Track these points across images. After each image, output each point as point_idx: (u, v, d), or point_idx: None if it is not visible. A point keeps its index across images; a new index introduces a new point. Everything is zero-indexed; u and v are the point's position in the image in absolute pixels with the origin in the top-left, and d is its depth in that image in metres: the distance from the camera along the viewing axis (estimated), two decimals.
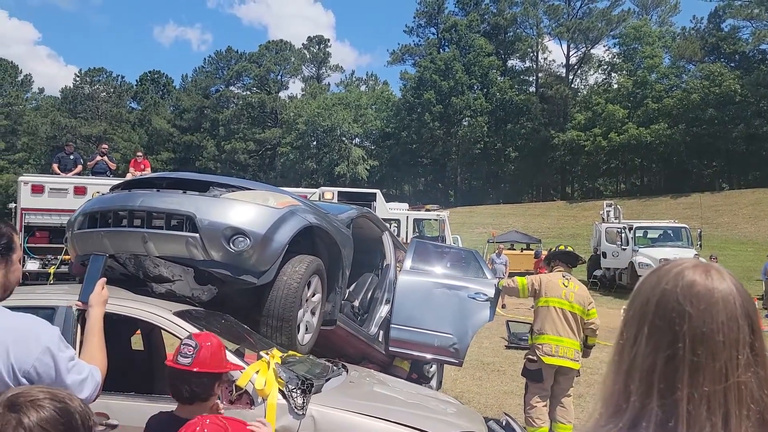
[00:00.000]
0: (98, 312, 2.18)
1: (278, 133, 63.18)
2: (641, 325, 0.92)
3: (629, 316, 0.95)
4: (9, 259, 1.82)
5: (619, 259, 19.82)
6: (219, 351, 2.30)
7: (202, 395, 2.21)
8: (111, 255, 3.94)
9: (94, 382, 1.83)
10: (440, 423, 3.36)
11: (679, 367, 0.87)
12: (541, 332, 5.43)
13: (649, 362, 0.89)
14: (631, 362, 0.91)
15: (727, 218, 36.41)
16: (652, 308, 0.92)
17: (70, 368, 1.74)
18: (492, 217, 43.11)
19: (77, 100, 66.42)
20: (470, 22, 59.23)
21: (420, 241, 6.45)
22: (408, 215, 15.00)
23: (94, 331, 2.09)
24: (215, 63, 71.27)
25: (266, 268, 3.85)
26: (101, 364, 1.96)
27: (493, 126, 57.47)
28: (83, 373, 1.79)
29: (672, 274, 0.93)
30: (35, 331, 1.72)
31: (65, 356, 1.74)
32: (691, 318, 0.88)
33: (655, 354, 0.89)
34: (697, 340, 0.87)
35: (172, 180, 4.17)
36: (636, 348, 0.91)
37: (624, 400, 0.90)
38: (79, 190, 11.33)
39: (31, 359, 1.66)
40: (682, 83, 50.47)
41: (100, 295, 2.23)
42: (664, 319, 0.90)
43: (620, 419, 0.90)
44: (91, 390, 1.80)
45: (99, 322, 2.14)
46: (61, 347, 1.74)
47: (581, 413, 6.50)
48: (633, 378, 0.90)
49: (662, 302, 0.91)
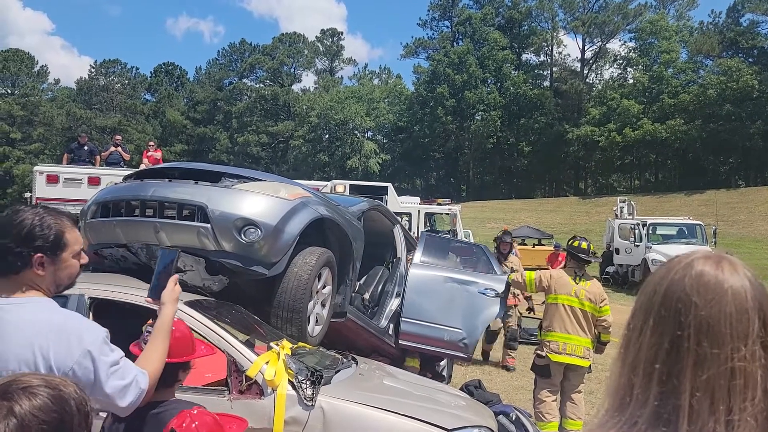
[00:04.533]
0: (171, 310, 2.03)
1: (291, 126, 63.28)
2: (647, 316, 0.90)
3: (636, 308, 0.93)
4: (57, 258, 1.72)
5: (632, 256, 19.65)
6: (185, 338, 2.24)
7: (167, 381, 2.12)
8: (123, 244, 3.98)
9: (138, 389, 1.73)
10: (450, 416, 3.35)
11: (682, 358, 0.85)
12: (550, 329, 5.38)
13: (653, 353, 0.87)
14: (636, 354, 0.89)
15: (743, 216, 35.94)
16: (659, 299, 0.89)
17: (111, 373, 1.67)
18: (504, 212, 42.92)
19: (92, 91, 66.92)
20: (484, 15, 58.83)
21: (430, 235, 6.42)
22: (419, 209, 14.95)
23: (162, 331, 1.97)
24: (229, 55, 71.48)
25: (277, 259, 3.85)
26: (154, 368, 1.85)
27: (507, 120, 57.12)
28: (126, 379, 1.71)
29: (681, 265, 0.91)
30: (79, 332, 1.66)
31: (107, 360, 1.67)
32: (697, 308, 0.86)
33: (659, 345, 0.87)
34: (702, 331, 0.84)
35: (184, 170, 4.18)
36: (641, 340, 0.89)
37: (628, 393, 0.89)
38: (93, 181, 11.44)
39: (70, 361, 1.62)
40: (699, 78, 49.81)
41: (173, 291, 2.07)
42: (670, 309, 0.87)
43: (624, 413, 0.88)
44: (133, 397, 1.72)
45: (170, 323, 2.01)
46: (104, 351, 1.67)
47: (591, 409, 6.46)
48: (637, 370, 0.88)
49: (669, 292, 0.89)
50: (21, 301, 1.68)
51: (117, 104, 66.00)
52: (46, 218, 1.72)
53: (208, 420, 2.02)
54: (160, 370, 1.89)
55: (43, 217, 1.71)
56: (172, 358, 2.14)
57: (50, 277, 1.74)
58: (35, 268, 1.69)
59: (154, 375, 1.84)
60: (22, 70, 64.34)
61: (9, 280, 1.71)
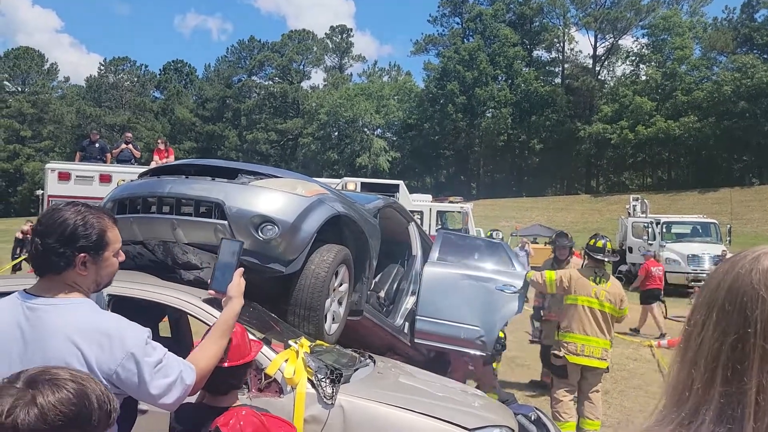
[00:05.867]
0: (237, 304, 1.98)
1: (300, 124, 63.38)
2: (710, 310, 0.87)
3: (698, 302, 0.91)
4: (99, 257, 1.71)
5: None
6: (244, 338, 2.26)
7: (238, 385, 2.20)
8: (140, 241, 3.95)
9: (183, 385, 1.70)
10: (471, 416, 3.29)
11: (748, 354, 0.82)
12: (568, 330, 5.35)
13: (716, 348, 0.85)
14: (697, 349, 0.87)
15: (758, 214, 35.59)
16: (723, 293, 0.87)
17: (156, 372, 1.65)
18: (515, 210, 42.77)
19: (102, 89, 67.41)
20: (495, 11, 58.59)
21: (447, 233, 6.36)
22: (431, 207, 14.90)
23: (225, 327, 1.92)
24: (237, 53, 71.69)
25: (294, 256, 3.81)
26: (206, 362, 1.81)
27: (518, 118, 56.88)
28: (171, 376, 1.69)
29: (748, 259, 0.88)
30: (121, 334, 1.64)
31: (151, 361, 1.65)
32: (765, 302, 0.83)
33: (723, 339, 0.85)
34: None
35: (200, 167, 4.15)
36: (703, 334, 0.87)
37: (687, 388, 0.87)
38: (105, 178, 11.49)
39: (114, 365, 1.61)
40: (713, 75, 49.37)
41: (240, 285, 2.02)
42: (735, 304, 0.85)
43: (683, 408, 0.86)
44: (179, 393, 1.70)
45: (235, 317, 1.96)
46: (147, 351, 1.66)
47: (608, 409, 6.41)
48: (698, 366, 0.86)
49: (734, 287, 0.86)
50: (62, 302, 1.67)
51: (126, 102, 66.43)
52: (88, 217, 1.70)
53: (254, 421, 2.00)
54: (212, 365, 1.86)
55: (85, 216, 1.70)
56: (241, 361, 2.13)
57: (92, 276, 1.73)
58: (78, 268, 1.68)
59: (205, 369, 1.82)
60: (32, 68, 64.94)
61: (50, 280, 1.69)
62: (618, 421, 6.07)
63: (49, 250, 1.66)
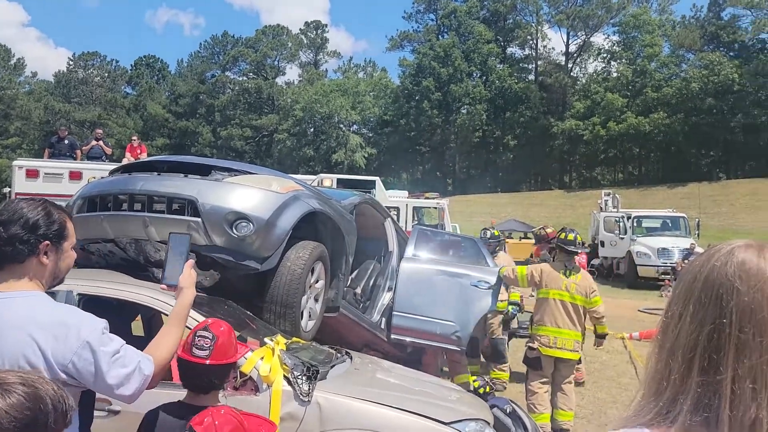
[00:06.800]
0: (190, 295, 1.99)
1: (275, 120, 62.86)
2: (687, 302, 0.90)
3: (676, 294, 0.93)
4: (60, 247, 1.77)
5: (617, 249, 19.83)
6: (231, 338, 2.25)
7: (220, 385, 2.18)
8: (111, 239, 3.89)
9: (142, 376, 1.70)
10: (447, 410, 3.32)
11: (724, 344, 0.85)
12: (541, 323, 5.46)
13: (693, 339, 0.87)
14: (675, 340, 0.89)
15: (725, 208, 36.51)
16: (700, 285, 0.89)
17: (113, 362, 1.66)
18: (490, 205, 43.13)
19: (71, 84, 65.92)
20: (469, 8, 58.84)
21: (422, 229, 6.39)
22: (407, 203, 14.94)
23: (179, 317, 1.93)
24: (210, 48, 70.74)
25: (269, 253, 3.79)
26: (163, 354, 1.82)
27: (492, 114, 57.26)
28: (129, 366, 1.69)
29: (723, 253, 0.91)
30: (77, 324, 1.65)
31: (108, 351, 1.66)
32: (739, 294, 0.86)
33: (699, 330, 0.87)
34: (745, 317, 0.84)
35: (173, 164, 4.10)
36: (680, 325, 0.89)
37: (665, 378, 0.89)
38: (75, 175, 11.23)
39: (69, 354, 1.60)
40: (682, 72, 50.36)
41: (190, 276, 2.02)
42: (711, 295, 0.88)
43: (660, 398, 0.88)
44: (137, 384, 1.70)
45: (188, 308, 1.98)
46: (103, 341, 1.66)
47: (582, 400, 6.52)
48: (675, 356, 0.89)
49: (710, 278, 0.89)
50: (20, 294, 1.68)
51: (96, 98, 65.07)
52: (49, 208, 1.78)
53: (233, 420, 1.98)
54: (170, 356, 1.86)
55: (46, 207, 1.77)
56: (226, 360, 2.12)
57: (52, 267, 1.76)
58: (41, 256, 1.72)
59: (163, 360, 1.81)
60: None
61: (10, 272, 1.71)
62: (591, 412, 6.18)
63: (14, 237, 1.69)
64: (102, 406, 3.01)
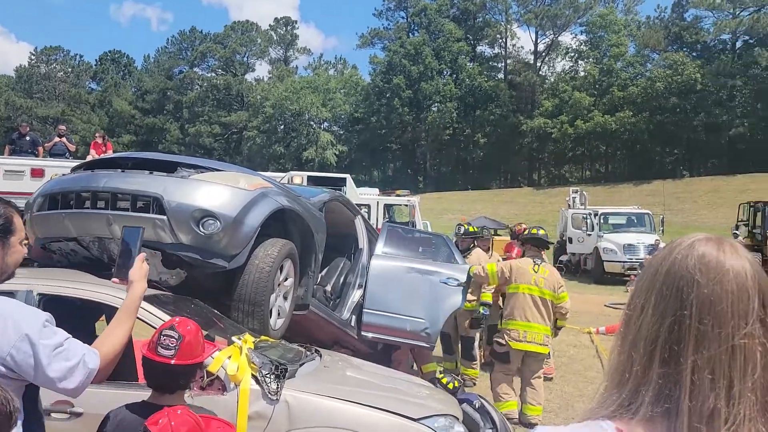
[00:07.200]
0: (140, 288, 1.98)
1: (244, 117, 62.18)
2: (649, 294, 0.92)
3: (638, 287, 0.95)
4: (7, 241, 1.74)
5: (584, 245, 20.17)
6: (198, 337, 2.22)
7: (186, 385, 2.14)
8: (73, 238, 3.80)
9: (86, 369, 1.68)
10: (416, 406, 3.34)
11: (684, 335, 0.87)
12: (511, 317, 5.53)
13: (654, 331, 0.89)
14: (637, 332, 0.91)
15: (688, 205, 37.46)
16: (661, 278, 0.91)
17: (54, 356, 1.63)
18: (460, 203, 43.43)
19: (33, 79, 64.11)
20: (440, 6, 59.07)
21: (392, 226, 6.40)
22: (378, 200, 14.93)
23: (128, 310, 1.91)
24: (178, 43, 69.57)
25: (237, 251, 3.75)
26: (111, 348, 1.79)
27: (462, 112, 57.66)
28: (72, 360, 1.66)
29: (684, 246, 0.93)
30: (15, 316, 1.62)
31: (48, 344, 1.63)
32: (699, 286, 0.88)
33: (661, 322, 0.89)
34: (705, 308, 0.86)
35: (137, 160, 4.02)
36: (642, 317, 0.91)
37: (628, 370, 0.90)
38: (37, 173, 10.91)
39: (8, 347, 1.58)
40: (647, 72, 51.44)
41: (141, 269, 2.02)
42: (672, 288, 0.89)
43: (623, 390, 0.90)
44: (81, 378, 1.67)
45: (139, 301, 1.96)
46: (44, 334, 1.63)
47: (549, 394, 6.61)
48: (637, 348, 0.90)
49: (671, 271, 0.91)
50: None
51: (60, 93, 63.42)
52: None
53: (189, 421, 1.95)
54: (119, 350, 1.82)
55: None
56: (192, 360, 2.09)
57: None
58: None
59: (111, 354, 1.78)
60: None
61: None
62: (558, 406, 6.28)
63: None
64: (64, 408, 2.95)
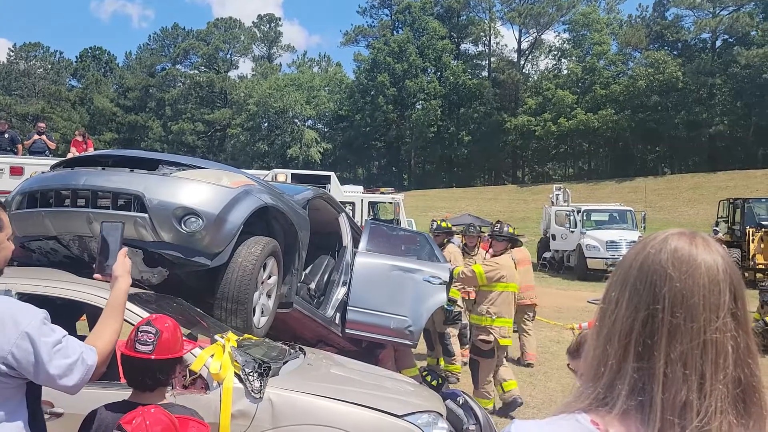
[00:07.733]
0: (125, 283, 1.95)
1: (228, 114, 61.71)
2: (623, 288, 0.92)
3: (613, 281, 0.96)
4: None
5: (567, 242, 20.35)
6: (176, 333, 2.21)
7: (166, 381, 2.13)
8: (53, 236, 3.75)
9: (84, 366, 1.68)
10: (399, 402, 3.35)
11: (658, 329, 0.88)
12: (500, 315, 5.62)
13: (628, 324, 0.90)
14: (612, 326, 0.92)
15: (669, 202, 37.92)
16: (635, 272, 0.92)
17: (54, 353, 1.63)
18: (445, 200, 43.54)
19: (11, 76, 63.10)
20: (424, 4, 59.09)
21: (375, 224, 6.40)
22: (363, 198, 14.93)
23: (115, 306, 1.90)
24: (160, 40, 68.81)
25: (220, 249, 3.73)
26: (105, 344, 1.79)
27: (447, 110, 57.79)
28: (71, 357, 1.66)
29: (657, 240, 0.94)
30: (14, 315, 1.62)
31: (48, 341, 1.63)
32: (671, 279, 0.89)
33: (635, 316, 0.90)
34: (677, 302, 0.87)
35: (118, 158, 3.98)
36: (617, 312, 0.92)
37: (603, 364, 0.91)
38: (16, 170, 10.76)
39: (8, 345, 1.58)
40: (629, 70, 51.96)
41: (124, 264, 1.99)
42: (645, 282, 0.90)
43: (599, 384, 0.91)
44: (80, 374, 1.67)
45: (125, 296, 1.94)
46: (43, 331, 1.63)
47: (533, 390, 6.68)
48: (612, 342, 0.91)
49: (645, 265, 0.91)
50: None
51: (39, 90, 62.47)
52: None
53: (163, 420, 1.94)
54: (111, 347, 1.82)
55: None
56: (170, 355, 2.08)
57: None
58: None
59: (105, 351, 1.78)
60: None
61: None
62: (542, 402, 6.34)
63: None
64: (44, 409, 2.91)
